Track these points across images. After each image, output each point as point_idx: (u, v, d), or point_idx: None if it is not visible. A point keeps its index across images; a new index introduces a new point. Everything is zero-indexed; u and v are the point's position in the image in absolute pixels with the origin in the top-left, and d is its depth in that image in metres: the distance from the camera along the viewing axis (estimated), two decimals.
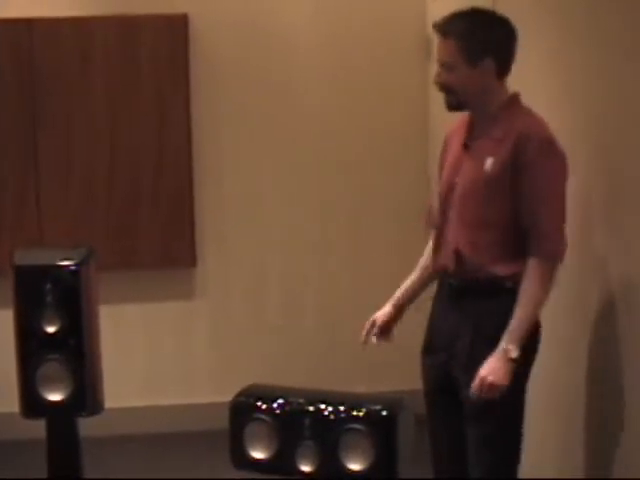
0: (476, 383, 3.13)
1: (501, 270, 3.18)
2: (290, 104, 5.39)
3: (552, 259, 3.15)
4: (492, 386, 3.10)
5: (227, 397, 4.25)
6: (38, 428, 3.83)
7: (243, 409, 4.09)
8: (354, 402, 3.78)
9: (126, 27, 5.26)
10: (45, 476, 3.86)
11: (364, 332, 3.64)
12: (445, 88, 3.23)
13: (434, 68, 5.35)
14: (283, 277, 5.50)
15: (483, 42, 3.15)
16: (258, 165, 5.44)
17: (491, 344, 3.14)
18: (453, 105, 3.26)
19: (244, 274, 5.42)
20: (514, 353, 3.10)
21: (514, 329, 3.12)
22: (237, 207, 5.22)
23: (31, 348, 3.69)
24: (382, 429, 3.65)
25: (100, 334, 3.83)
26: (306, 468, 3.87)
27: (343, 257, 5.42)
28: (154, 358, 5.54)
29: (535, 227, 3.12)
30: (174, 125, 5.31)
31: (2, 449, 5.24)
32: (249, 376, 4.48)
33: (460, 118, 3.40)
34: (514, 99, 3.25)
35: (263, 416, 3.96)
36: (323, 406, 3.60)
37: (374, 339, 3.63)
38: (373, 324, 3.63)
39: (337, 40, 5.41)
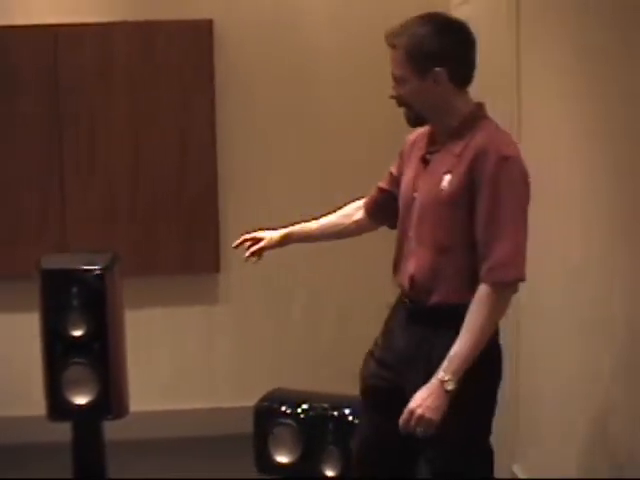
0: (404, 416, 2.85)
1: (458, 299, 2.91)
2: (316, 107, 5.39)
3: (503, 288, 2.86)
4: (421, 420, 2.81)
5: (250, 402, 4.27)
6: (64, 431, 3.86)
7: (267, 414, 4.10)
8: None
9: (151, 33, 5.27)
10: (71, 477, 3.89)
11: (243, 239, 3.51)
12: (401, 102, 3.03)
13: None
14: (306, 283, 5.51)
15: (430, 51, 2.92)
16: (284, 169, 5.45)
17: None
18: (412, 120, 3.04)
19: (267, 280, 5.42)
20: (450, 385, 2.81)
21: (454, 359, 2.83)
22: (261, 212, 5.22)
23: (57, 351, 3.73)
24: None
25: (125, 338, 3.86)
26: (330, 473, 3.88)
27: (369, 262, 5.41)
28: (178, 363, 5.56)
29: (487, 251, 2.85)
30: (199, 130, 5.32)
31: (29, 452, 5.27)
32: (272, 381, 4.49)
33: (425, 128, 3.15)
34: (477, 111, 3.01)
35: (287, 420, 3.97)
36: (347, 411, 3.62)
37: (246, 253, 3.48)
38: (257, 241, 3.49)
39: (361, 42, 5.42)
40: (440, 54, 2.92)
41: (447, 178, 2.91)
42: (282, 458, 4.02)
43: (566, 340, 3.83)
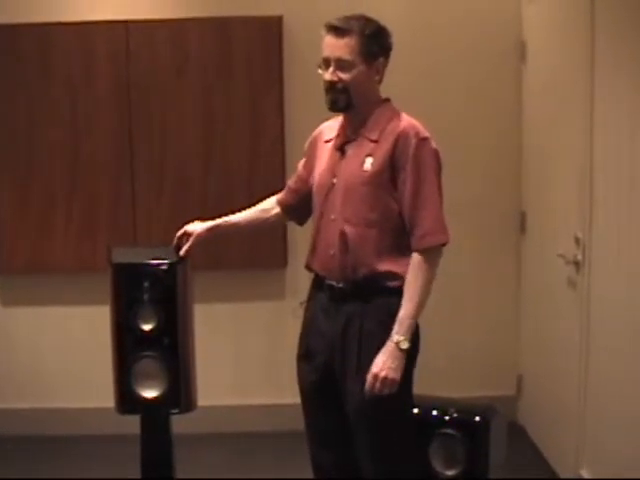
0: (369, 381, 3.15)
1: (385, 267, 3.22)
2: None
3: (434, 252, 3.21)
4: (386, 380, 3.14)
5: None
6: (133, 424, 3.89)
7: None
8: (446, 407, 3.77)
9: (221, 29, 5.31)
10: (138, 469, 3.92)
11: (178, 238, 3.71)
12: (340, 87, 3.24)
13: (528, 71, 5.30)
14: None
15: (381, 42, 3.26)
16: None
17: (378, 346, 3.18)
18: (341, 105, 3.28)
19: None
20: (405, 344, 3.14)
21: (403, 321, 3.16)
22: None
23: (127, 345, 3.75)
24: (474, 434, 3.64)
25: (194, 333, 3.87)
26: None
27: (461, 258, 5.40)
28: (244, 358, 5.58)
29: (415, 221, 3.19)
30: (268, 125, 5.34)
31: (98, 443, 5.33)
32: None
33: (327, 123, 3.50)
34: (387, 102, 3.34)
35: None
36: (415, 410, 3.59)
37: (181, 253, 3.70)
38: (187, 237, 3.69)
39: (430, 41, 5.40)
40: (384, 47, 3.28)
41: (369, 160, 3.23)
42: None
43: (636, 342, 3.79)
